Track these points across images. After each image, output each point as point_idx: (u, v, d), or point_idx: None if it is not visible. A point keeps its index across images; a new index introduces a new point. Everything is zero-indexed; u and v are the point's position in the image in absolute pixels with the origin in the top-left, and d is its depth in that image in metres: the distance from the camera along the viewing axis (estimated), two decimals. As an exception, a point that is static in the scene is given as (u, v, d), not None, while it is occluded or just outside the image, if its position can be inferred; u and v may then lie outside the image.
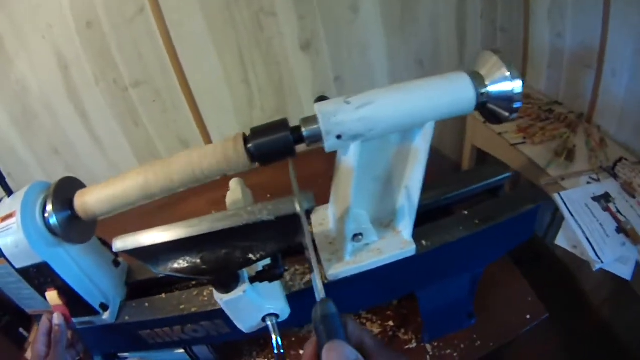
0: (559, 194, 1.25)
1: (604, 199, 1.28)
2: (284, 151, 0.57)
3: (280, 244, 0.55)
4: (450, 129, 1.87)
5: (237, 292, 0.60)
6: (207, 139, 1.53)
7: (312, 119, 0.57)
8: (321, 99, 0.61)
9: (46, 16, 1.22)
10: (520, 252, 0.91)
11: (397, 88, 0.59)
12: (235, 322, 0.66)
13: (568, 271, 1.60)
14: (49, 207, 0.63)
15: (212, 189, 1.39)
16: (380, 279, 0.75)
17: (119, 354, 0.90)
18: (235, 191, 0.88)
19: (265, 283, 0.63)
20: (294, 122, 0.58)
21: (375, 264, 0.69)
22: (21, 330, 1.20)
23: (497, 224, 0.76)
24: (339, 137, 0.56)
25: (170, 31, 1.32)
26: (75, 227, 0.66)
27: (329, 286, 0.70)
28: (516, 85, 0.60)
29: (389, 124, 0.58)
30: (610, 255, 1.09)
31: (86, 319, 0.75)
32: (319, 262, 0.71)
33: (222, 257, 0.55)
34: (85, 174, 1.49)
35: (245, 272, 0.62)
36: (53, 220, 0.63)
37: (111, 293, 0.78)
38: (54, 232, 0.64)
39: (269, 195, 1.30)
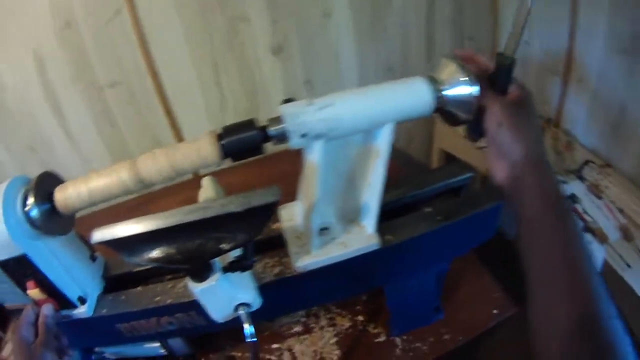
0: (527, 195, 1.30)
1: (570, 200, 1.34)
2: (252, 148, 0.61)
3: (250, 234, 0.58)
4: (419, 132, 1.90)
5: (210, 282, 0.63)
6: (180, 141, 1.51)
7: (278, 119, 0.61)
8: (288, 101, 0.65)
9: (25, 15, 1.22)
10: (492, 251, 0.95)
11: (358, 91, 0.64)
12: (209, 312, 0.68)
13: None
14: (31, 200, 0.64)
15: (183, 189, 1.42)
16: (348, 273, 0.77)
17: (96, 349, 0.90)
18: (207, 189, 0.90)
19: (237, 273, 0.66)
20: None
21: (340, 257, 0.73)
22: None
23: (458, 221, 0.79)
24: (303, 136, 0.60)
25: (146, 34, 1.33)
26: (54, 220, 0.67)
27: (299, 278, 0.74)
28: (473, 90, 0.64)
29: (349, 125, 0.62)
30: (576, 253, 1.14)
31: (64, 312, 0.76)
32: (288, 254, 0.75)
33: (195, 247, 0.58)
34: (60, 170, 1.44)
35: (218, 263, 0.65)
36: (34, 213, 0.64)
37: (89, 286, 0.79)
38: (35, 225, 0.65)
39: (242, 194, 1.32)
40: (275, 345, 0.95)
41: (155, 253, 0.58)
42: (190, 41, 1.38)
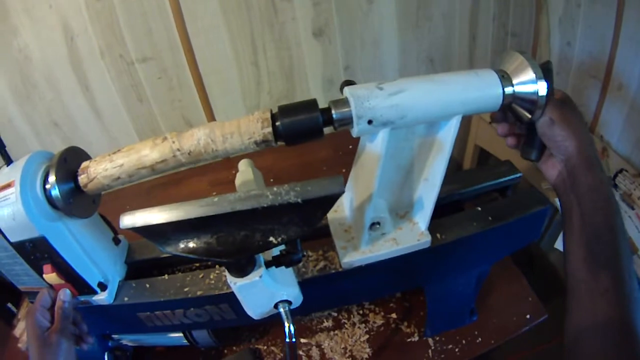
0: (559, 199, 1.26)
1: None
2: (312, 132, 0.56)
3: (304, 228, 0.53)
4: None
5: (253, 277, 0.58)
6: (212, 120, 1.49)
7: (343, 102, 0.56)
8: (348, 83, 0.60)
9: None
10: (516, 254, 0.92)
11: (429, 79, 0.59)
12: (246, 308, 0.64)
13: (559, 276, 1.62)
14: (52, 178, 0.60)
15: (215, 169, 1.39)
16: (394, 270, 0.74)
17: (114, 336, 0.88)
18: (245, 172, 0.86)
19: (280, 268, 0.61)
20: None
21: (390, 254, 0.69)
22: (9, 305, 1.17)
23: (509, 223, 0.76)
24: (369, 122, 0.55)
25: (182, 8, 1.28)
26: (78, 201, 0.63)
27: (342, 275, 0.70)
28: (541, 87, 0.59)
29: (419, 114, 0.58)
30: (608, 263, 1.10)
31: (83, 298, 0.72)
32: (334, 249, 0.70)
33: (240, 240, 0.53)
34: (84, 148, 1.44)
35: (261, 256, 0.60)
36: (55, 192, 0.60)
37: (110, 272, 0.75)
38: (55, 205, 0.61)
39: (272, 180, 1.30)
40: (303, 340, 0.93)
41: (194, 244, 0.53)
42: (228, 17, 1.33)
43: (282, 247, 0.61)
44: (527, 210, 0.78)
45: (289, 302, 0.63)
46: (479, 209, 0.78)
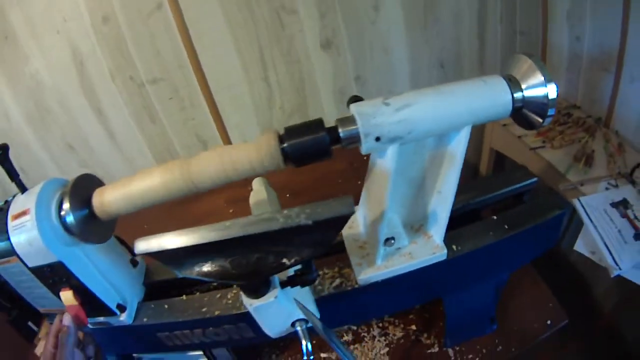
0: (578, 199, 1.24)
1: (622, 206, 1.28)
2: (320, 152, 0.56)
3: (316, 249, 0.53)
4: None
5: (268, 298, 0.58)
6: (226, 137, 1.52)
7: (349, 120, 0.56)
8: (355, 99, 0.60)
9: (61, 10, 1.21)
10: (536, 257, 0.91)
11: (435, 90, 0.58)
12: (263, 327, 0.64)
13: (582, 277, 1.59)
14: (66, 205, 0.61)
15: (231, 186, 1.38)
16: (410, 284, 0.74)
17: (135, 355, 0.88)
18: (259, 192, 0.86)
19: (296, 287, 0.62)
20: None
21: (406, 268, 0.68)
22: (30, 324, 1.17)
23: (526, 230, 0.75)
24: (377, 139, 0.55)
25: (189, 28, 1.30)
26: (93, 226, 0.64)
27: (358, 291, 0.70)
28: (550, 90, 0.58)
29: (427, 127, 0.57)
30: (628, 262, 1.09)
31: (101, 319, 0.73)
32: (349, 266, 0.70)
33: (254, 262, 0.53)
34: (100, 170, 1.49)
35: (276, 277, 0.60)
36: (70, 219, 0.61)
37: (128, 293, 0.76)
38: (71, 231, 0.62)
39: (287, 195, 1.30)
40: (323, 355, 0.93)
41: (208, 267, 0.53)
42: (235, 34, 1.35)
43: (297, 267, 0.61)
44: (544, 216, 0.77)
45: (306, 321, 0.63)
46: (495, 217, 0.78)
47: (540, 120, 0.61)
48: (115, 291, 0.73)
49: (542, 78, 0.58)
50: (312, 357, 0.62)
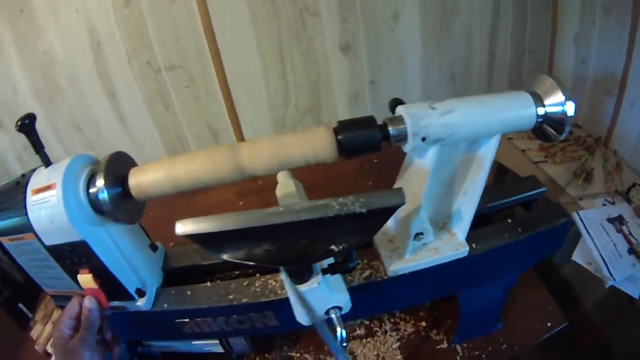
0: (577, 213, 1.30)
1: (618, 221, 1.33)
2: (371, 146, 0.60)
3: (364, 237, 0.57)
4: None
5: (312, 284, 0.61)
6: (238, 130, 1.52)
7: (398, 120, 0.61)
8: (396, 101, 0.65)
9: None
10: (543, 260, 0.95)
11: (474, 100, 0.64)
12: (298, 314, 0.66)
13: (572, 289, 1.64)
14: (100, 182, 0.59)
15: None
16: (433, 278, 0.77)
17: (144, 342, 0.86)
18: (285, 184, 0.89)
19: (333, 275, 0.64)
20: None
21: (432, 262, 0.72)
22: (20, 305, 1.14)
23: (537, 233, 0.80)
24: (423, 139, 0.60)
25: (212, 18, 1.30)
26: (124, 206, 0.62)
27: (386, 282, 0.74)
28: (569, 108, 0.65)
29: (466, 132, 0.62)
30: (621, 274, 1.15)
31: (118, 303, 0.71)
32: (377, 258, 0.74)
33: (302, 248, 0.56)
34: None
35: (317, 264, 0.63)
36: (103, 196, 0.59)
37: (148, 278, 0.74)
38: (99, 210, 0.60)
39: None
40: None
41: (252, 251, 0.55)
42: (258, 29, 1.36)
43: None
44: (553, 222, 0.82)
45: (340, 308, 0.66)
46: (510, 220, 0.82)
47: (558, 134, 0.67)
48: (136, 275, 0.71)
49: (563, 97, 0.64)
50: (345, 344, 0.65)
